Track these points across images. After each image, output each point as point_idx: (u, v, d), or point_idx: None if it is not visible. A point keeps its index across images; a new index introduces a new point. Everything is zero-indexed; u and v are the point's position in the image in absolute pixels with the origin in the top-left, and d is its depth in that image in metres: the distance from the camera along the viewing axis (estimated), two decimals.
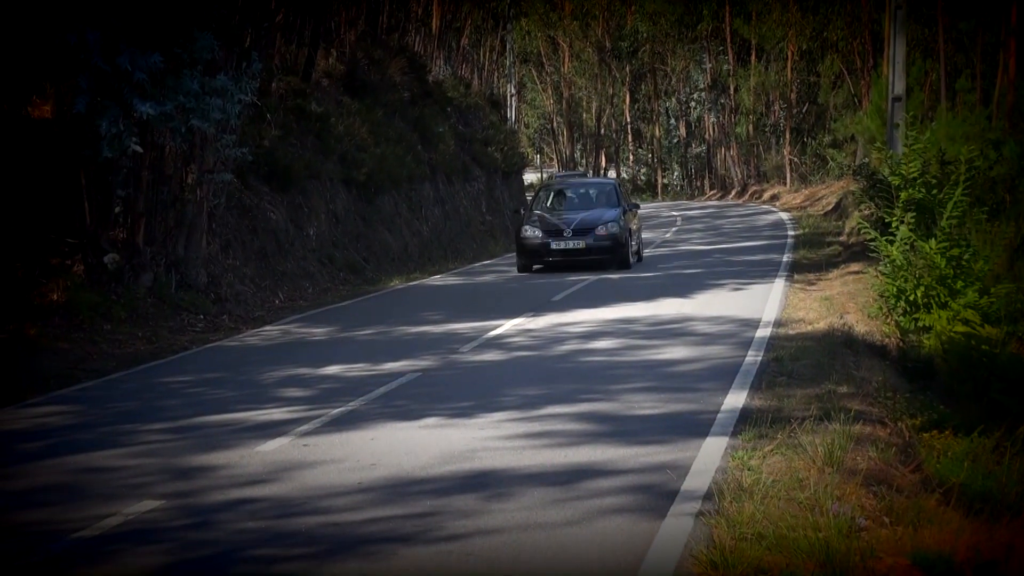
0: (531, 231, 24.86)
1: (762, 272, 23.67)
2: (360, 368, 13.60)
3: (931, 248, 16.73)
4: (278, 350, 15.75)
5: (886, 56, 32.51)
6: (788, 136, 70.05)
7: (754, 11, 68.88)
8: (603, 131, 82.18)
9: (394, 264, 28.85)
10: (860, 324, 16.04)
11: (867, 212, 26.79)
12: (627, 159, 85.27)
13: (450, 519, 7.43)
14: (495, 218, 39.98)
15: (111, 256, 18.48)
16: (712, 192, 76.24)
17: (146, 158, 18.75)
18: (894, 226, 17.93)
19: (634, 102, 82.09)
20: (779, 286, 20.80)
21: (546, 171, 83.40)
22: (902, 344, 15.79)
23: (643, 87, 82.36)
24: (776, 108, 73.40)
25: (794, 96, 71.11)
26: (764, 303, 18.36)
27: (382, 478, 8.52)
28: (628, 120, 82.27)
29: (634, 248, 26.07)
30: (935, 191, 18.26)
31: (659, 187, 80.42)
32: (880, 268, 17.91)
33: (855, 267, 22.84)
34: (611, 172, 77.25)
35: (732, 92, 74.01)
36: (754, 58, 72.14)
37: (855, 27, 60.34)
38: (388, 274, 26.93)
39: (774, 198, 60.26)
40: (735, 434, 9.42)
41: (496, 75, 65.50)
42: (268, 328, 18.14)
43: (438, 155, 36.76)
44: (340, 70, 33.37)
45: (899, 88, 27.04)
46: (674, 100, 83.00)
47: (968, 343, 14.18)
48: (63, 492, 8.52)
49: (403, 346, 15.29)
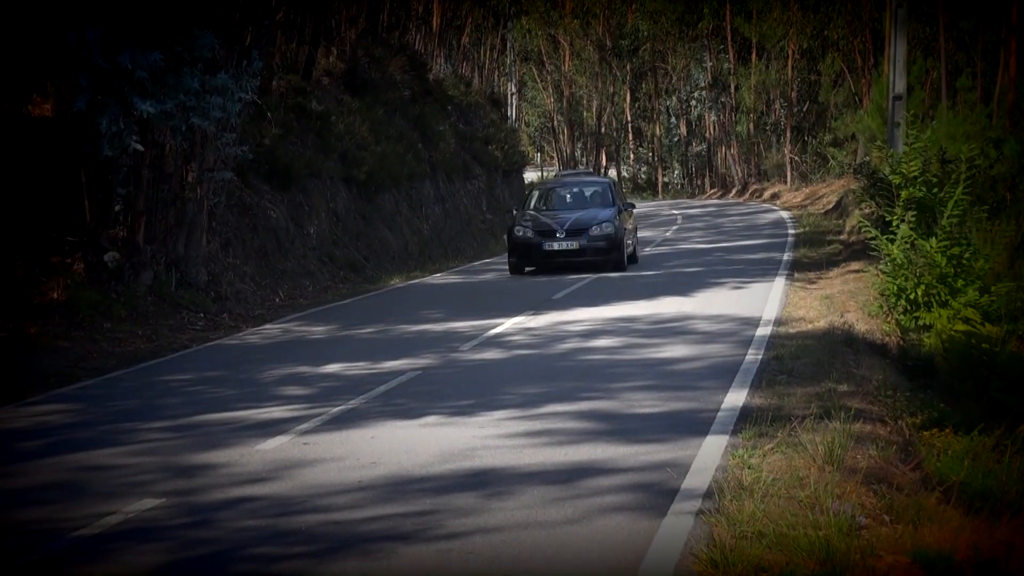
0: (523, 231, 24.02)
1: (762, 270, 23.66)
2: (360, 366, 13.60)
3: (932, 247, 16.74)
4: (278, 348, 15.75)
5: (887, 55, 32.51)
6: (789, 135, 70.03)
7: (755, 9, 68.84)
8: (604, 130, 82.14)
9: (394, 262, 28.85)
10: (860, 322, 16.03)
11: (868, 211, 26.79)
12: (628, 158, 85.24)
13: (450, 517, 7.43)
14: (496, 217, 39.98)
15: (111, 254, 18.48)
16: (713, 191, 76.22)
17: (146, 156, 18.76)
18: (895, 225, 17.94)
19: (635, 100, 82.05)
20: (779, 284, 20.80)
21: (547, 169, 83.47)
22: (902, 342, 15.79)
23: (644, 85, 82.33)
24: (777, 106, 73.36)
25: (795, 94, 71.08)
26: (764, 301, 18.35)
27: (382, 476, 8.52)
28: (629, 119, 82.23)
29: (629, 249, 25.28)
30: (936, 190, 18.28)
31: (659, 186, 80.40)
32: (881, 267, 17.92)
33: (855, 266, 22.83)
34: (611, 171, 77.19)
35: (733, 90, 73.98)
36: (755, 56, 72.12)
37: (856, 26, 60.32)
38: (388, 272, 26.93)
39: (775, 197, 60.24)
40: (735, 432, 9.42)
41: (497, 73, 65.50)
42: (268, 326, 18.15)
43: (439, 153, 36.77)
44: (340, 68, 33.38)
45: (900, 87, 27.04)
46: (675, 98, 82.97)
47: (968, 341, 14.18)
48: (63, 490, 8.52)
49: (403, 344, 15.29)
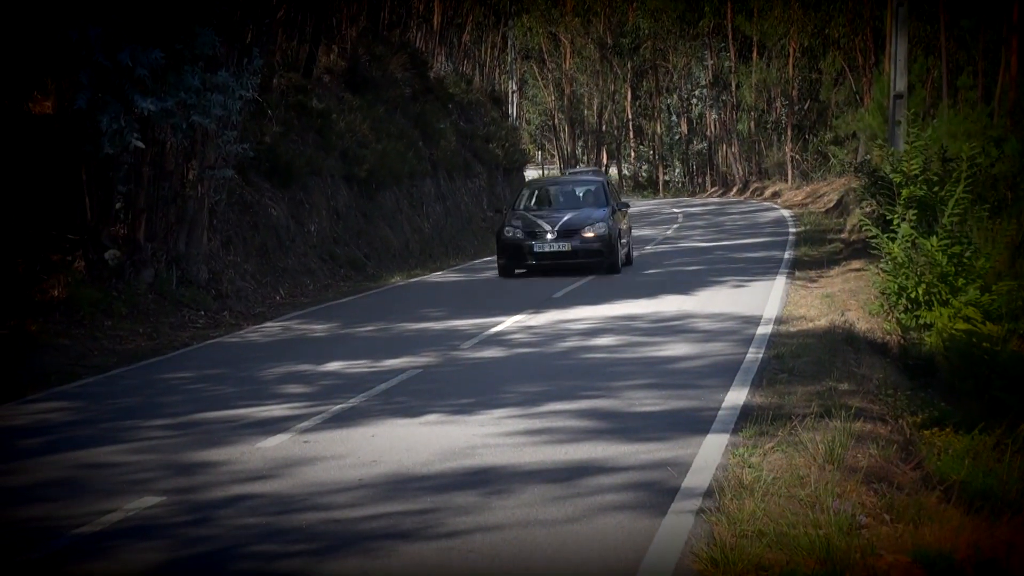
0: (513, 232, 23.09)
1: (763, 269, 23.66)
2: (361, 365, 13.60)
3: (932, 245, 16.74)
4: (279, 346, 15.75)
5: (888, 53, 32.50)
6: (790, 133, 70.03)
7: (756, 8, 68.84)
8: (604, 128, 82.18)
9: (395, 260, 28.86)
10: (861, 321, 16.03)
11: (868, 209, 26.77)
12: (628, 156, 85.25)
13: (450, 516, 7.43)
14: (496, 215, 39.99)
15: (112, 252, 18.48)
16: (713, 189, 76.22)
17: (147, 154, 18.76)
18: (895, 223, 17.94)
19: (635, 99, 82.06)
20: (780, 283, 20.80)
21: (548, 167, 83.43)
22: (903, 341, 15.79)
23: (644, 84, 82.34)
24: (778, 105, 73.35)
25: (796, 93, 71.08)
26: (765, 300, 18.35)
27: (383, 475, 8.52)
28: (629, 117, 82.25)
29: (624, 250, 24.24)
30: (937, 188, 18.28)
31: (660, 184, 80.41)
32: (881, 265, 17.91)
33: (856, 264, 22.82)
34: (611, 170, 77.18)
35: (734, 89, 73.97)
36: (756, 55, 72.11)
37: (857, 24, 60.32)
38: (389, 270, 26.93)
39: (775, 195, 60.24)
40: (736, 431, 9.42)
41: (497, 71, 65.51)
42: (269, 324, 18.15)
43: (439, 151, 36.77)
44: (341, 66, 33.38)
45: (901, 85, 27.03)
46: (676, 97, 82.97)
47: (969, 340, 14.18)
48: (64, 488, 8.52)
49: (404, 343, 15.29)
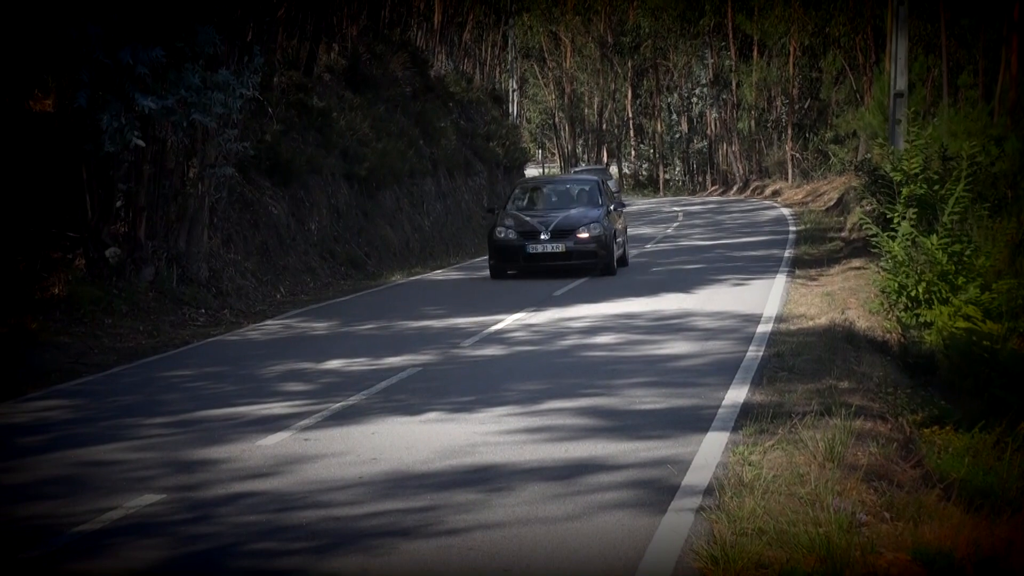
0: (505, 232, 22.42)
1: (763, 268, 23.65)
2: (361, 363, 13.60)
3: (933, 244, 16.76)
4: (279, 344, 15.76)
5: (888, 52, 32.50)
6: (790, 132, 70.06)
7: (756, 7, 68.88)
8: (605, 126, 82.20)
9: (395, 259, 28.86)
10: (861, 320, 16.03)
11: (869, 208, 26.79)
12: (629, 154, 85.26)
13: (451, 513, 7.43)
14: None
15: (112, 250, 18.48)
16: (714, 187, 76.23)
17: (147, 152, 18.76)
18: (896, 222, 17.97)
19: (636, 97, 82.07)
20: (780, 282, 20.80)
21: (549, 165, 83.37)
22: (903, 340, 15.80)
23: (645, 82, 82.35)
24: (778, 104, 73.39)
25: (796, 92, 71.11)
26: (765, 298, 18.35)
27: (383, 472, 8.53)
28: (630, 115, 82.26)
29: (619, 251, 23.51)
30: (937, 187, 18.32)
31: (660, 182, 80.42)
32: (881, 264, 17.93)
33: (856, 263, 22.82)
34: (612, 168, 77.09)
35: (734, 87, 74.00)
36: (756, 53, 72.13)
37: (857, 23, 60.36)
38: (389, 269, 26.93)
39: (776, 194, 60.23)
40: (736, 429, 9.42)
41: (498, 70, 65.52)
42: (269, 322, 18.15)
43: (440, 150, 36.77)
44: (342, 65, 33.39)
45: (901, 84, 27.05)
46: (676, 95, 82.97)
47: (969, 339, 14.19)
48: (64, 486, 8.52)
49: (404, 341, 15.29)
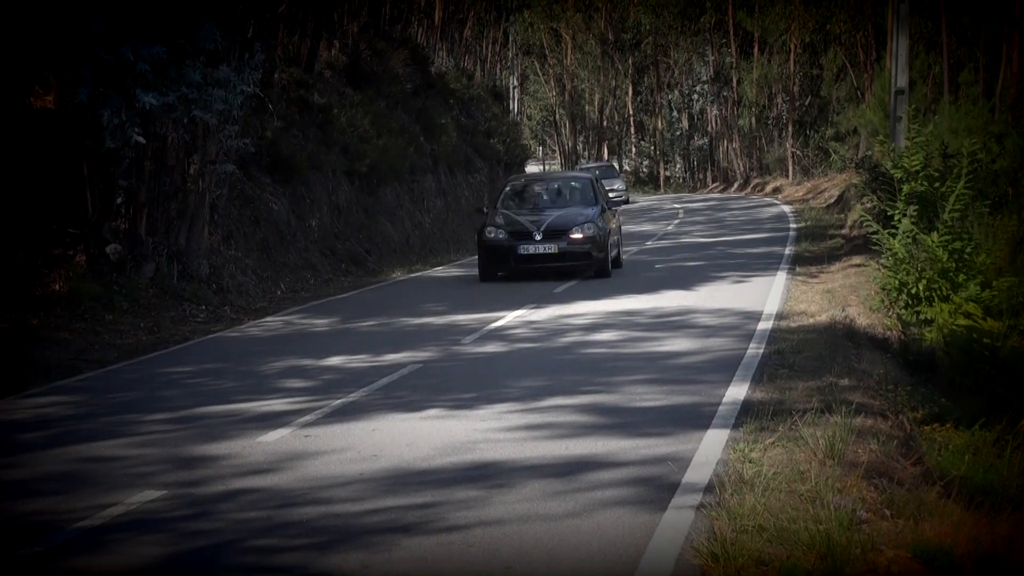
0: (495, 232, 21.47)
1: (764, 265, 23.64)
2: (362, 359, 13.60)
3: (933, 241, 16.74)
4: (280, 341, 15.76)
5: (889, 49, 32.49)
6: (791, 129, 70.03)
7: (757, 4, 68.88)
8: (606, 123, 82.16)
9: (396, 255, 28.86)
10: (862, 317, 16.03)
11: (869, 205, 26.77)
12: (629, 151, 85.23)
13: (451, 510, 7.44)
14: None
15: (113, 246, 18.48)
16: (714, 185, 76.20)
17: (148, 148, 18.75)
18: (896, 219, 17.95)
19: (637, 94, 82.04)
20: (781, 279, 20.79)
21: (549, 163, 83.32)
22: (904, 337, 15.79)
23: (646, 79, 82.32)
24: (779, 101, 73.37)
25: (797, 89, 71.08)
26: (766, 296, 18.35)
27: (383, 469, 8.53)
28: (631, 112, 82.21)
29: (613, 252, 22.55)
30: (937, 184, 18.29)
31: (661, 179, 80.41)
32: (882, 261, 17.92)
33: (857, 260, 22.81)
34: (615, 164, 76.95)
35: (735, 84, 73.96)
36: (757, 51, 72.10)
37: (858, 20, 60.36)
38: (390, 265, 26.93)
39: (776, 191, 60.21)
40: (736, 426, 9.41)
41: (499, 67, 65.53)
42: (270, 319, 18.15)
43: (440, 147, 36.76)
44: (343, 61, 33.37)
45: (902, 81, 27.03)
46: (677, 92, 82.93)
47: (970, 336, 14.19)
48: (65, 482, 8.52)
49: (405, 337, 15.29)
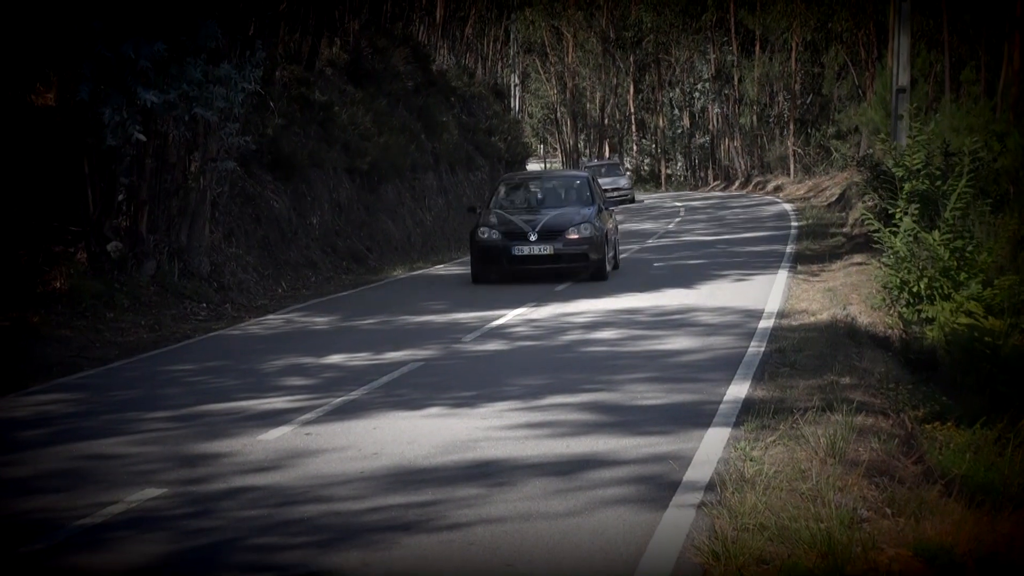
0: (488, 233, 20.78)
1: (765, 263, 23.64)
2: (363, 357, 13.60)
3: (935, 240, 16.73)
4: (281, 339, 15.76)
5: (890, 47, 32.46)
6: (792, 127, 70.02)
7: (758, 2, 68.83)
8: (607, 121, 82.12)
9: (397, 253, 28.85)
10: (863, 315, 16.03)
11: (871, 203, 26.76)
12: (631, 150, 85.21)
13: (452, 508, 7.44)
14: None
15: (114, 244, 18.48)
16: (716, 183, 76.18)
17: (149, 146, 18.75)
18: (898, 217, 17.94)
19: (638, 92, 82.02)
20: (782, 277, 20.79)
21: (551, 161, 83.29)
22: (905, 335, 15.79)
23: (647, 77, 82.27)
24: (780, 99, 73.36)
25: (798, 87, 71.05)
26: (767, 294, 18.35)
27: (384, 467, 8.53)
28: (632, 110, 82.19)
29: (610, 254, 21.86)
30: (939, 182, 18.28)
31: (663, 178, 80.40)
32: (883, 259, 17.90)
33: (858, 258, 22.80)
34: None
35: (736, 83, 73.94)
36: (758, 49, 72.08)
37: (860, 18, 60.32)
38: (391, 263, 26.93)
39: (778, 189, 60.19)
40: (737, 425, 9.41)
41: (500, 65, 65.52)
42: (271, 317, 18.15)
43: (441, 144, 36.75)
44: (344, 59, 33.36)
45: (903, 79, 27.00)
46: (678, 90, 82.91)
47: (971, 335, 14.19)
48: (65, 480, 8.53)
49: (406, 335, 15.29)
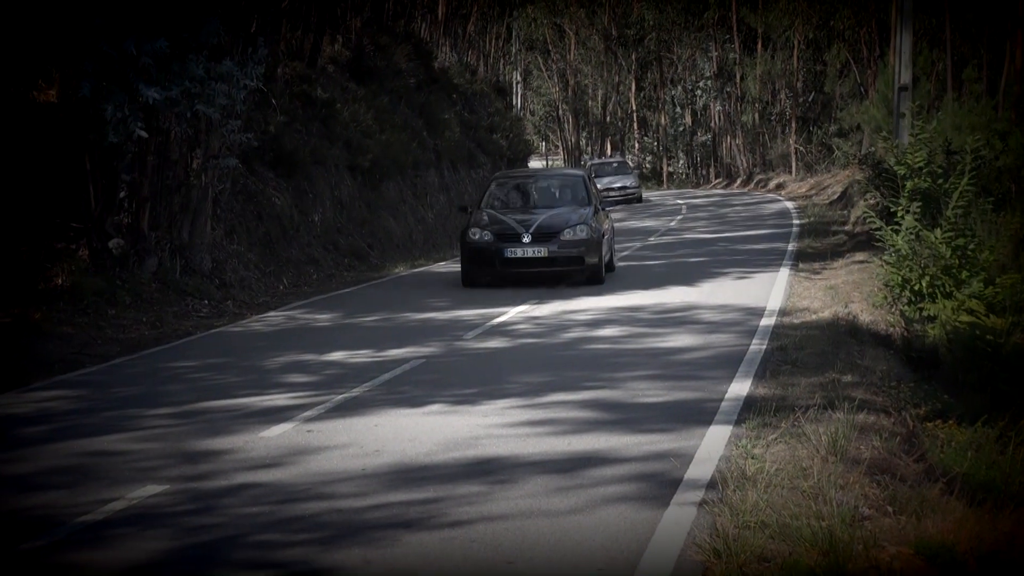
0: (479, 234, 20.03)
1: (767, 261, 23.64)
2: (364, 354, 13.60)
3: (936, 238, 16.71)
4: (282, 336, 15.76)
5: (893, 46, 32.42)
6: (794, 125, 69.96)
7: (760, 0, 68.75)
8: (609, 119, 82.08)
9: (399, 251, 28.85)
10: (865, 313, 16.02)
11: (873, 201, 26.76)
12: (633, 147, 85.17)
13: (454, 505, 7.44)
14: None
15: (116, 241, 18.48)
16: (717, 180, 76.12)
17: (151, 143, 18.74)
18: (899, 215, 17.92)
19: (640, 90, 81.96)
20: (784, 275, 20.79)
21: (552, 158, 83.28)
22: (907, 333, 15.78)
23: (649, 75, 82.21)
24: (782, 97, 73.29)
25: (800, 85, 71.00)
26: (769, 292, 18.35)
27: (386, 464, 8.53)
28: (634, 108, 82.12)
29: (607, 256, 21.07)
30: (941, 181, 18.26)
31: (664, 175, 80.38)
32: (885, 257, 17.88)
33: (860, 256, 22.80)
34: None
35: (738, 80, 73.89)
36: (760, 47, 72.01)
37: (862, 16, 60.25)
38: (393, 261, 26.93)
39: (779, 187, 60.16)
40: (739, 422, 9.42)
41: (502, 62, 65.52)
42: (272, 314, 18.15)
43: (443, 142, 36.74)
44: (346, 56, 33.35)
45: (905, 78, 26.97)
46: (680, 88, 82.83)
47: (973, 333, 14.18)
48: (67, 476, 8.53)
49: (407, 333, 15.29)
